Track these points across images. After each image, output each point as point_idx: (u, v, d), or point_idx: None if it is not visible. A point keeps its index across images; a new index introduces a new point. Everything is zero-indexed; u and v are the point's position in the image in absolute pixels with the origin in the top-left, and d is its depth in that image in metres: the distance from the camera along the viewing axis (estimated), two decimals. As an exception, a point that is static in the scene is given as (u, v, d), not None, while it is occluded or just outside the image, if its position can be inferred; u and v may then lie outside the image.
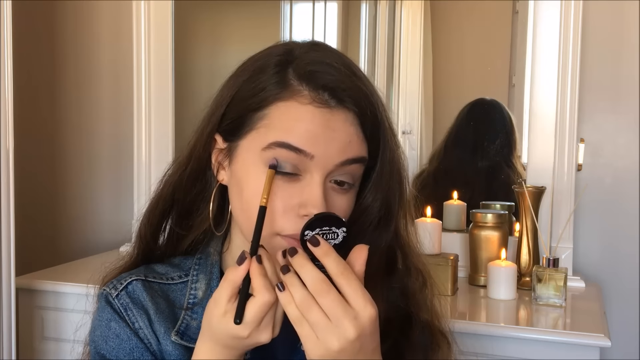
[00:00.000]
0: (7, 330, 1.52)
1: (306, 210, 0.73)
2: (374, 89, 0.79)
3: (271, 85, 0.75)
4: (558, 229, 1.66)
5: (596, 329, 1.36)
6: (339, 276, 0.67)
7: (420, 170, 2.06)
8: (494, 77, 2.05)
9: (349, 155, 0.75)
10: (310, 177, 0.74)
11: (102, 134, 2.14)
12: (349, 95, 0.75)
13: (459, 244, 1.77)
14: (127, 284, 0.83)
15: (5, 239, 1.51)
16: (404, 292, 0.83)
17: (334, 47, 0.82)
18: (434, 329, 0.85)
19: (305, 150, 0.73)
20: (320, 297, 0.66)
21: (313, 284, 0.67)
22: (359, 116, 0.75)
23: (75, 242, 2.15)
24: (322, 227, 0.70)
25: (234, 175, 0.79)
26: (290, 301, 0.67)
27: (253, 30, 2.16)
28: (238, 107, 0.78)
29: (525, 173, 1.76)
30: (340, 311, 0.66)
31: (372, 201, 0.79)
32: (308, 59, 0.76)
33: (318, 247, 0.69)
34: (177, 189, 0.84)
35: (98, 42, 2.12)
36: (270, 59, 0.78)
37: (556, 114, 1.69)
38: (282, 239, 0.75)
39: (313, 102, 0.74)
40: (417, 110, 2.13)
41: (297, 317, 0.67)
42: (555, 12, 1.68)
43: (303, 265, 0.68)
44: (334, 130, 0.74)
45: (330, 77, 0.75)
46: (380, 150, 0.78)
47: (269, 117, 0.75)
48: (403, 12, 2.14)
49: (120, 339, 0.80)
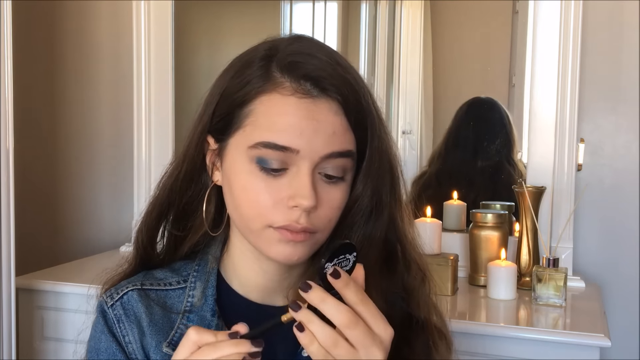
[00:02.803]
0: (7, 330, 1.52)
1: (295, 202, 0.73)
2: (359, 77, 0.78)
3: (255, 79, 0.75)
4: (558, 229, 1.66)
5: (596, 329, 1.36)
6: (359, 304, 0.67)
7: (421, 172, 2.05)
8: (494, 77, 2.05)
9: (334, 148, 0.74)
10: (297, 169, 0.73)
11: (102, 134, 2.14)
12: (332, 83, 0.74)
13: (459, 244, 1.77)
14: (123, 294, 0.83)
15: (5, 239, 1.51)
16: (404, 288, 0.83)
17: (318, 40, 0.82)
18: (434, 327, 0.85)
19: (291, 147, 0.72)
20: (349, 330, 0.65)
21: (341, 318, 0.65)
22: (342, 105, 0.74)
23: (75, 242, 2.15)
24: (338, 257, 0.69)
25: (225, 174, 0.79)
26: (313, 340, 0.66)
27: (253, 30, 2.16)
28: (225, 104, 0.78)
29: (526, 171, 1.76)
30: (369, 340, 0.66)
31: (362, 190, 0.78)
32: (290, 51, 0.76)
33: (339, 280, 0.67)
34: (172, 191, 0.84)
35: (98, 42, 2.12)
36: (257, 53, 0.78)
37: (556, 114, 1.69)
38: (274, 231, 0.74)
39: (295, 93, 0.73)
40: (417, 110, 2.13)
41: (323, 355, 0.66)
42: (555, 12, 1.68)
43: (324, 300, 0.66)
44: (318, 120, 0.73)
45: (312, 67, 0.74)
46: (368, 139, 0.77)
47: (255, 113, 0.75)
48: (403, 12, 2.15)
49: (107, 353, 0.81)
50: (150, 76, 1.94)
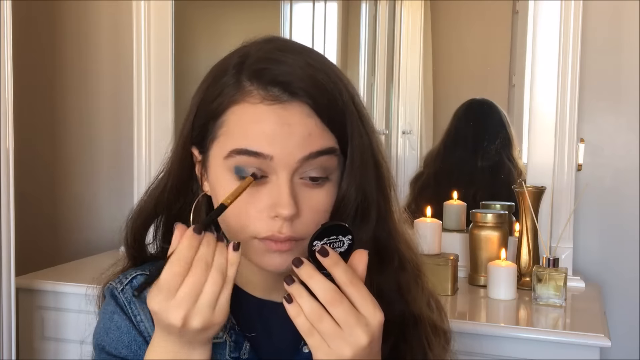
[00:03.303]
0: (7, 330, 1.52)
1: (275, 212, 0.72)
2: (333, 74, 0.76)
3: (227, 89, 0.74)
4: (558, 229, 1.66)
5: (596, 329, 1.36)
6: (348, 285, 0.68)
7: (418, 173, 2.05)
8: (494, 77, 2.05)
9: (311, 148, 0.72)
10: (276, 177, 0.73)
11: (102, 133, 2.14)
12: (300, 87, 0.72)
13: (459, 244, 1.77)
14: (132, 278, 0.83)
15: (5, 239, 1.51)
16: (398, 285, 0.82)
17: (293, 41, 0.80)
18: (427, 324, 0.84)
19: (263, 153, 0.71)
20: (332, 307, 0.67)
21: (325, 294, 0.67)
22: (314, 107, 0.72)
23: (75, 242, 2.15)
24: (329, 237, 0.70)
25: (211, 185, 0.79)
26: (299, 312, 0.68)
27: (253, 31, 2.16)
28: (202, 115, 0.77)
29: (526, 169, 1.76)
30: (352, 319, 0.67)
31: (347, 189, 0.77)
32: (258, 57, 0.75)
33: (327, 258, 0.68)
34: (159, 203, 0.84)
35: (98, 42, 2.12)
36: (231, 61, 0.77)
37: (556, 114, 1.69)
38: (259, 242, 0.74)
39: (264, 100, 0.72)
40: (417, 110, 2.13)
41: (308, 328, 0.67)
42: (555, 12, 1.68)
43: (312, 276, 0.68)
44: (290, 124, 0.71)
45: (279, 72, 0.72)
46: (348, 137, 0.76)
47: (227, 123, 0.74)
48: (403, 12, 2.15)
49: (120, 331, 0.81)
50: (150, 76, 1.94)
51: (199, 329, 0.67)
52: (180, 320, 0.67)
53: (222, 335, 0.80)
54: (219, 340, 0.80)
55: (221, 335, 0.80)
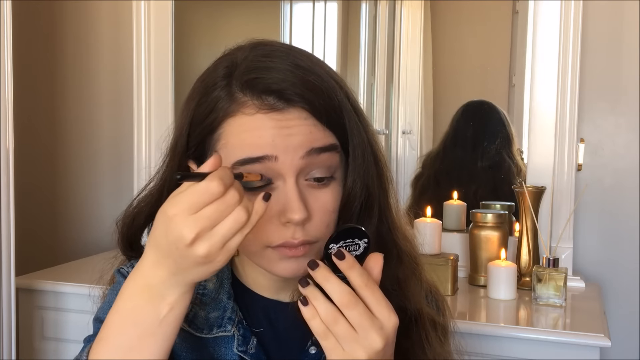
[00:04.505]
0: (7, 330, 1.52)
1: (286, 218, 0.72)
2: (325, 74, 0.75)
3: (220, 102, 0.74)
4: (558, 229, 1.66)
5: (596, 329, 1.36)
6: (364, 288, 0.68)
7: (418, 174, 2.05)
8: (494, 77, 2.05)
9: (313, 144, 0.72)
10: (282, 182, 0.72)
11: (102, 134, 2.14)
12: (295, 92, 0.72)
13: (459, 244, 1.77)
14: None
15: (5, 239, 1.51)
16: (397, 280, 0.82)
17: (276, 42, 0.80)
18: (426, 318, 0.84)
19: (267, 155, 0.71)
20: (347, 310, 0.67)
21: (340, 297, 0.67)
22: (311, 110, 0.72)
23: (75, 242, 2.15)
24: (345, 240, 0.70)
25: None
26: (315, 315, 0.67)
27: (253, 31, 2.16)
28: (196, 133, 0.76)
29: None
30: (367, 322, 0.67)
31: (352, 186, 0.77)
32: (246, 66, 0.74)
33: (344, 261, 0.68)
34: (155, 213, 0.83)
35: (98, 42, 2.12)
36: (217, 73, 0.76)
37: (556, 114, 1.69)
38: (273, 251, 0.74)
39: (260, 110, 0.71)
40: (417, 110, 2.13)
41: (323, 331, 0.67)
42: (555, 12, 1.68)
43: (328, 279, 0.68)
44: (290, 127, 0.71)
45: (271, 80, 0.72)
46: (348, 134, 0.76)
47: (224, 136, 0.73)
48: (403, 12, 2.15)
49: None
50: (150, 76, 1.94)
51: (202, 255, 0.63)
52: (192, 235, 0.61)
53: (230, 328, 0.81)
54: (227, 333, 0.81)
55: (229, 328, 0.81)
